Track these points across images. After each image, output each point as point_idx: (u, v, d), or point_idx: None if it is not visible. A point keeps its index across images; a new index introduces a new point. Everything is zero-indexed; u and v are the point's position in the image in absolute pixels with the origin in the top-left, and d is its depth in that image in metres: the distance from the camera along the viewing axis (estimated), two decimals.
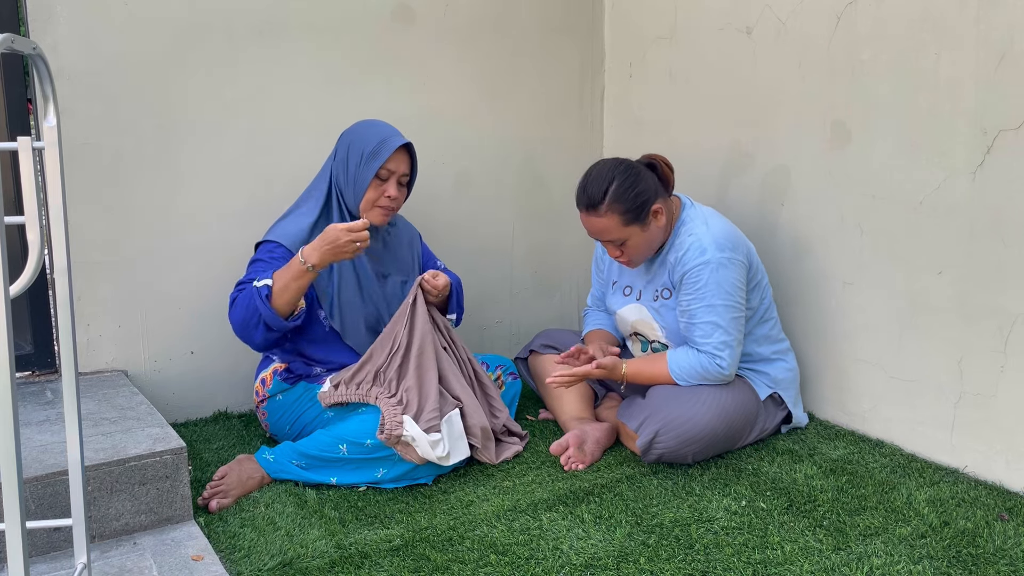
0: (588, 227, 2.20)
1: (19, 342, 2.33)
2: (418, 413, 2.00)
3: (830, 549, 1.75)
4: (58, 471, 1.70)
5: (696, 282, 2.15)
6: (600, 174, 2.16)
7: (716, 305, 2.14)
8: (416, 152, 2.28)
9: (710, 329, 2.14)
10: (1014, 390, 2.00)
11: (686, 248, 2.17)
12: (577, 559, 1.72)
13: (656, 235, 2.21)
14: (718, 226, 2.19)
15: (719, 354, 2.14)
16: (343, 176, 2.22)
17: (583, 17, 3.04)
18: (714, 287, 2.13)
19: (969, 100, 2.02)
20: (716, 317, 2.14)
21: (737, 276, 2.16)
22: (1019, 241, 1.96)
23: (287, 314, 2.05)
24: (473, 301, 2.94)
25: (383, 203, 2.21)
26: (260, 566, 1.69)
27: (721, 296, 2.14)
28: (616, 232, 2.16)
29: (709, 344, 2.14)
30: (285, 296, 2.01)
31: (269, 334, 2.05)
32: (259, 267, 2.12)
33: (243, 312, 2.03)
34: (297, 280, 2.01)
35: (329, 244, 1.98)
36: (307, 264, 1.99)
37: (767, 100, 2.51)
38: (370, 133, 2.21)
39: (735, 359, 2.17)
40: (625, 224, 2.15)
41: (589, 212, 2.17)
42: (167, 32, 2.34)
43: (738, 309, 2.17)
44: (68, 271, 1.31)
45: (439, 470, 2.07)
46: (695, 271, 2.14)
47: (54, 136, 1.29)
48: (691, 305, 2.17)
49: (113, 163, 2.31)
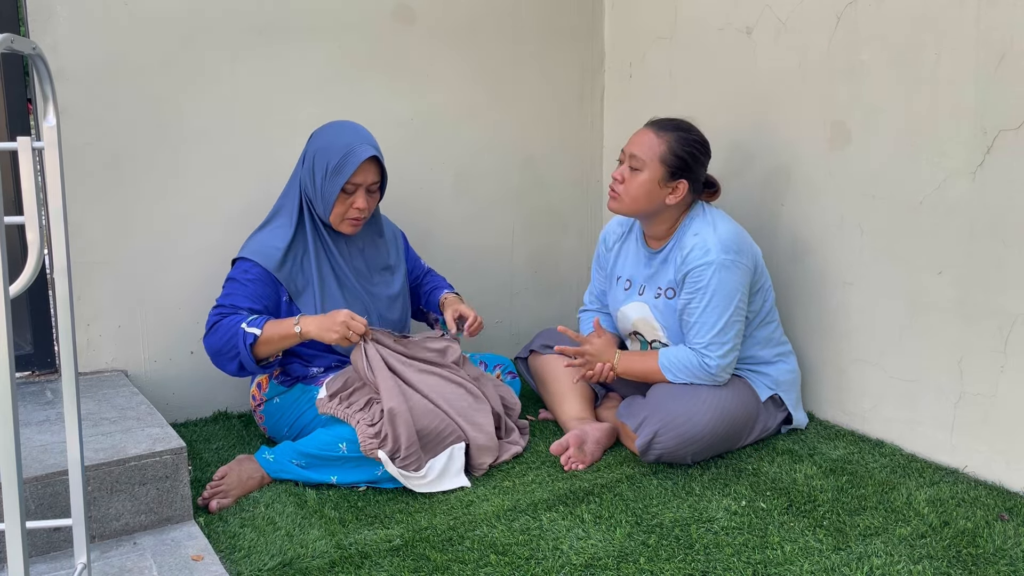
0: (635, 137, 2.23)
1: (19, 342, 2.33)
2: (395, 450, 1.97)
3: (830, 549, 1.75)
4: (58, 471, 1.70)
5: (697, 281, 2.15)
6: (690, 124, 2.24)
7: (714, 306, 2.14)
8: (384, 157, 2.21)
9: (705, 329, 2.14)
10: (1014, 390, 2.00)
11: (691, 248, 2.17)
12: (577, 559, 1.72)
13: (655, 201, 2.20)
14: (725, 228, 2.19)
15: (709, 354, 2.14)
16: (311, 187, 2.19)
17: (583, 17, 3.04)
18: (715, 288, 2.13)
19: (969, 100, 2.02)
20: (713, 317, 2.14)
21: (739, 279, 2.16)
22: (1019, 241, 1.96)
23: (263, 360, 2.10)
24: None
25: (352, 215, 2.18)
26: (260, 566, 1.69)
27: (720, 297, 2.13)
28: (647, 155, 2.18)
29: (701, 343, 2.15)
30: (268, 348, 2.07)
31: (241, 372, 2.10)
32: (236, 288, 2.12)
33: (221, 344, 2.06)
34: (284, 340, 2.06)
35: (326, 320, 2.04)
36: (298, 328, 2.04)
37: (767, 100, 2.51)
38: (335, 143, 2.15)
39: (728, 362, 2.16)
40: (660, 159, 2.17)
41: (652, 127, 2.22)
42: (167, 32, 2.33)
43: (737, 313, 2.16)
44: (68, 271, 1.31)
45: None
46: (698, 270, 2.15)
47: (54, 136, 1.29)
48: (690, 304, 2.17)
49: (113, 163, 2.31)
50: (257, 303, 2.11)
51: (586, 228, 3.19)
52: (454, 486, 2.04)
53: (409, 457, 1.97)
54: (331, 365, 2.23)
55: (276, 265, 2.14)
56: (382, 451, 1.95)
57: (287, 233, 2.19)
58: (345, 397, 2.05)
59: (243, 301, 2.10)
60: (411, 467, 1.97)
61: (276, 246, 2.16)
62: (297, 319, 2.05)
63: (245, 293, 2.11)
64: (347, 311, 2.06)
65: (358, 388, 2.07)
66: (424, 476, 1.99)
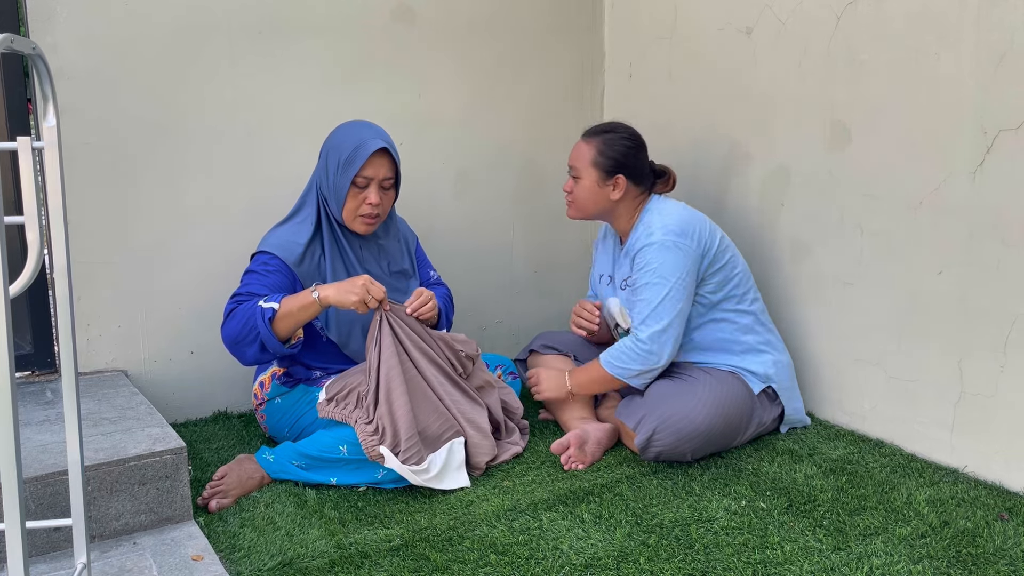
0: (572, 151, 2.36)
1: (19, 342, 2.33)
2: (395, 443, 1.96)
3: (830, 549, 1.75)
4: (58, 471, 1.70)
5: (640, 264, 2.22)
6: (616, 123, 2.36)
7: (652, 284, 2.18)
8: (398, 151, 2.21)
9: (642, 306, 2.20)
10: (1014, 390, 2.00)
11: (639, 234, 2.26)
12: (577, 559, 1.72)
13: (601, 201, 2.31)
14: (672, 213, 2.25)
15: (642, 329, 2.18)
16: (325, 185, 2.18)
17: (583, 17, 3.04)
18: (655, 267, 2.18)
19: (969, 100, 2.02)
20: (650, 294, 2.18)
21: (680, 260, 2.18)
22: (1019, 241, 1.96)
23: (284, 339, 2.05)
24: (473, 301, 2.95)
25: (365, 211, 2.15)
26: (260, 566, 1.69)
27: (658, 276, 2.18)
28: (580, 163, 2.31)
29: (639, 320, 2.19)
30: (287, 322, 2.02)
31: (263, 354, 2.05)
32: (254, 279, 2.10)
33: (239, 328, 2.02)
34: (303, 310, 2.01)
35: (345, 284, 2.01)
36: (316, 294, 2.00)
37: (767, 100, 2.51)
38: (347, 138, 2.15)
39: (663, 339, 2.17)
40: (591, 163, 2.28)
41: (584, 136, 2.34)
42: (167, 32, 2.33)
43: (675, 291, 2.18)
44: (68, 271, 1.31)
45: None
46: (641, 253, 2.22)
47: (54, 136, 1.29)
48: (636, 286, 2.23)
49: (113, 163, 2.31)
50: (276, 292, 2.08)
51: (586, 228, 3.19)
52: (456, 485, 2.04)
53: (410, 450, 1.96)
54: (334, 370, 2.23)
55: (296, 260, 2.14)
56: (384, 447, 1.95)
57: (308, 230, 2.18)
58: (342, 399, 2.05)
59: (261, 290, 2.07)
60: (412, 460, 1.96)
61: (297, 241, 2.16)
62: (314, 286, 2.02)
63: (264, 283, 2.09)
64: (366, 275, 2.04)
65: (355, 389, 2.07)
66: (427, 471, 1.99)
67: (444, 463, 2.03)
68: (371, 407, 1.99)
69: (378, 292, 2.03)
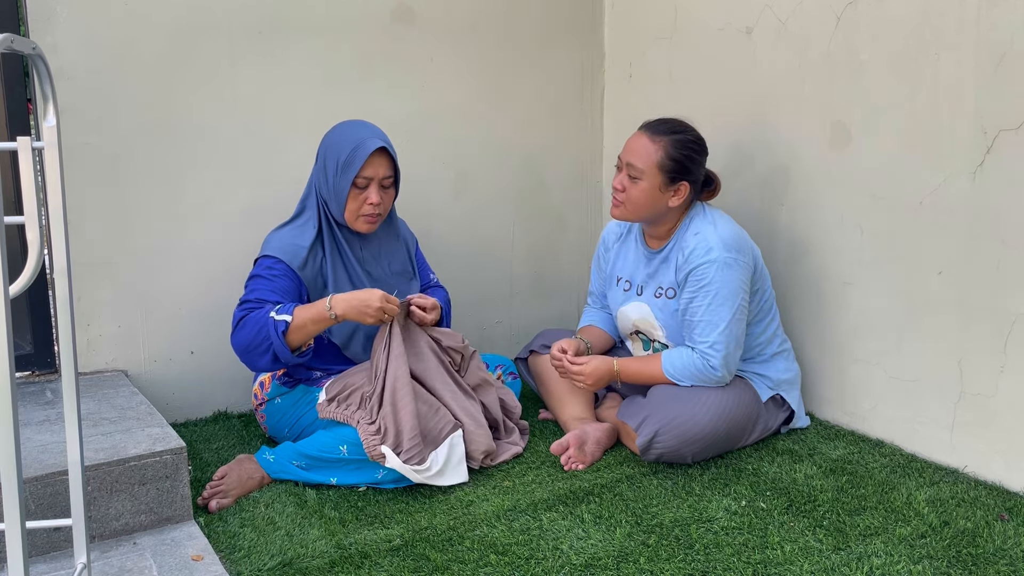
0: (630, 144, 2.21)
1: (19, 342, 2.33)
2: (397, 444, 1.96)
3: (830, 549, 1.75)
4: (58, 471, 1.70)
5: (700, 280, 2.15)
6: (684, 123, 2.22)
7: (716, 305, 2.14)
8: (395, 149, 2.20)
9: (708, 328, 2.14)
10: (1014, 390, 2.00)
11: (692, 247, 2.17)
12: (577, 559, 1.72)
13: (659, 206, 2.20)
14: (726, 227, 2.19)
15: (713, 353, 2.14)
16: (324, 187, 2.18)
17: (583, 17, 3.04)
18: (717, 286, 2.13)
19: (969, 100, 2.02)
20: (715, 316, 2.14)
21: (741, 278, 2.16)
22: (1019, 241, 1.96)
23: (295, 349, 2.06)
24: (473, 301, 2.95)
25: (366, 211, 2.15)
26: (260, 566, 1.69)
27: (723, 296, 2.13)
28: (644, 163, 2.16)
29: (705, 343, 2.14)
30: (300, 335, 2.03)
31: (275, 364, 2.06)
32: (260, 284, 2.10)
33: (251, 338, 2.02)
34: (316, 324, 2.03)
35: (360, 304, 2.01)
36: (332, 313, 2.01)
37: (767, 100, 2.51)
38: (344, 140, 2.14)
39: (731, 361, 2.16)
40: (657, 165, 2.16)
41: (646, 131, 2.20)
42: (167, 32, 2.33)
43: (740, 312, 2.16)
44: (68, 271, 1.31)
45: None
46: (700, 269, 2.15)
47: (54, 136, 1.29)
48: (692, 303, 2.17)
49: (113, 163, 2.31)
50: (285, 298, 2.08)
51: (586, 228, 3.19)
52: (457, 480, 2.04)
53: (412, 450, 1.96)
54: (335, 370, 2.23)
55: (300, 264, 2.13)
56: (386, 447, 1.95)
57: (311, 232, 2.18)
58: (343, 399, 2.05)
59: (270, 295, 2.07)
60: (414, 460, 1.96)
61: (300, 244, 2.15)
62: (328, 301, 2.02)
63: (271, 288, 2.08)
64: (380, 293, 2.03)
65: (356, 390, 2.07)
66: (429, 469, 1.99)
67: (446, 458, 2.03)
68: (375, 408, 2.00)
69: (393, 310, 2.04)
